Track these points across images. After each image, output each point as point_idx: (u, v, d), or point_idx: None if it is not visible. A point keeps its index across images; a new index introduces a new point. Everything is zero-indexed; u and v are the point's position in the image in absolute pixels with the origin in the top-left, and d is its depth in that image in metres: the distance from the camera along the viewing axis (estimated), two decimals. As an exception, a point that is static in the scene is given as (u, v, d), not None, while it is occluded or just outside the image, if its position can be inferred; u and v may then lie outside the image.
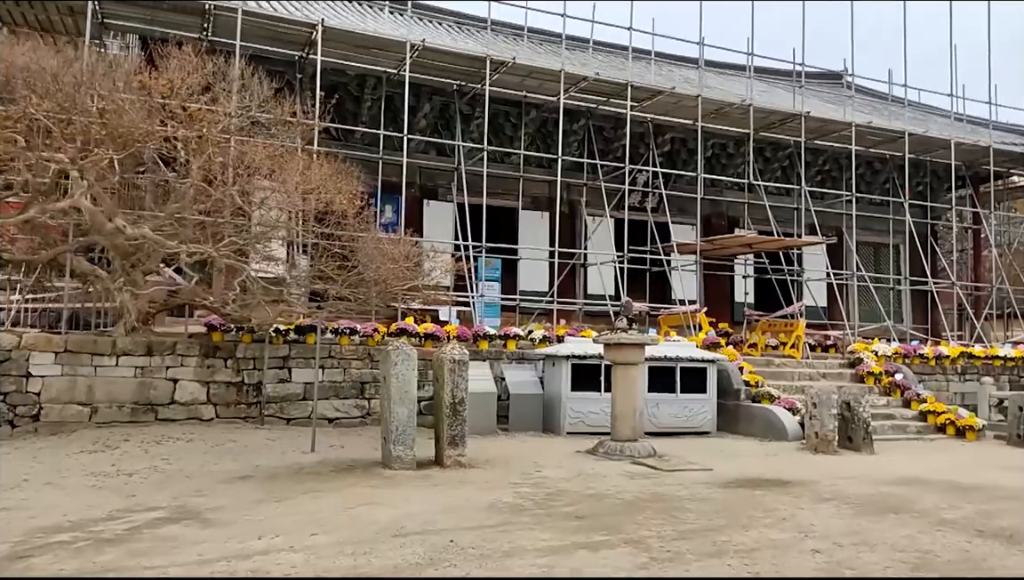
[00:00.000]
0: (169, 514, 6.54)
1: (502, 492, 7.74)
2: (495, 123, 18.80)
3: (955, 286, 20.66)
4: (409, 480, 8.32)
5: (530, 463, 9.67)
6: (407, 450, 8.94)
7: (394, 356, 9.06)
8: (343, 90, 17.25)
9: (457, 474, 8.77)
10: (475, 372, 12.20)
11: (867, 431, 11.84)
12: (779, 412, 13.12)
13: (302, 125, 12.05)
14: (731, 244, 17.74)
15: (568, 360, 12.63)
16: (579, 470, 9.27)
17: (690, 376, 13.57)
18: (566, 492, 7.91)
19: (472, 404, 11.84)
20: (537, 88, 16.72)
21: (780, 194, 20.89)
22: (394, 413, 8.99)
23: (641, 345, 10.70)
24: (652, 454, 10.46)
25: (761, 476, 9.35)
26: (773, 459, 10.99)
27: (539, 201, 19.77)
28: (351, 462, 9.32)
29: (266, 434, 11.12)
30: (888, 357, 16.69)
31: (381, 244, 11.04)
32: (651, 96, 17.02)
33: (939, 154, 21.01)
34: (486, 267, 17.97)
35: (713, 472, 9.53)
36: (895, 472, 10.00)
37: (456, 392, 9.24)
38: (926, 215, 21.85)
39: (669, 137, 19.82)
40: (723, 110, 17.83)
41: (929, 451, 12.70)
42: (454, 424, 9.21)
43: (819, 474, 9.62)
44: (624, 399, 10.71)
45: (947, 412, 14.42)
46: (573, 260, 18.09)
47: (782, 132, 19.30)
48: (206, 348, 11.75)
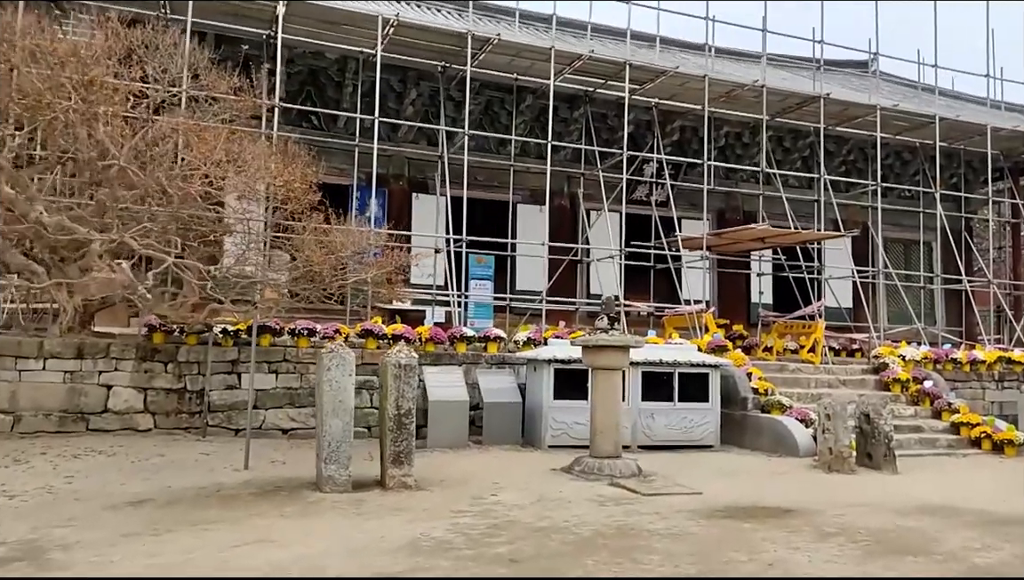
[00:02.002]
0: (6, 552, 5.35)
1: (436, 524, 6.46)
2: (490, 111, 17.58)
3: (992, 285, 18.90)
4: (335, 507, 7.07)
5: (490, 484, 8.38)
6: (341, 470, 7.70)
7: (327, 360, 7.83)
8: (323, 75, 16.14)
9: (397, 499, 7.51)
10: (445, 378, 11.01)
11: (888, 447, 10.35)
12: (790, 424, 11.67)
13: (258, 105, 10.85)
14: (743, 238, 16.28)
15: (550, 365, 11.31)
16: (542, 494, 7.95)
17: (690, 383, 12.17)
18: (514, 524, 6.61)
19: (441, 414, 10.71)
20: (528, 69, 15.42)
21: (800, 187, 19.34)
22: (327, 426, 7.76)
23: (624, 347, 9.35)
24: (636, 473, 9.10)
25: (758, 503, 7.97)
26: (778, 480, 9.57)
27: (538, 194, 18.42)
28: (283, 482, 8.10)
29: (204, 447, 9.95)
30: (917, 362, 15.11)
31: (323, 234, 9.77)
32: (653, 77, 15.63)
33: (974, 142, 19.32)
34: (477, 265, 16.72)
35: (702, 496, 8.16)
36: (919, 497, 8.55)
37: (401, 402, 7.97)
38: (960, 209, 20.15)
39: (678, 125, 18.40)
40: (734, 93, 16.38)
41: (961, 470, 11.17)
42: (399, 439, 7.94)
43: (828, 499, 8.20)
44: (605, 409, 9.37)
45: (982, 424, 12.85)
46: (569, 256, 16.71)
47: (801, 118, 17.77)
48: (144, 351, 10.62)
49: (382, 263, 10.10)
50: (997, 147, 19.58)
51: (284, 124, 16.06)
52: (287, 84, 15.76)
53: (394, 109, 16.70)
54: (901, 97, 19.75)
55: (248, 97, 10.46)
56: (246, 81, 10.94)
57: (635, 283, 18.43)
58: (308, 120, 16.52)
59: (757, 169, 18.03)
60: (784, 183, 19.71)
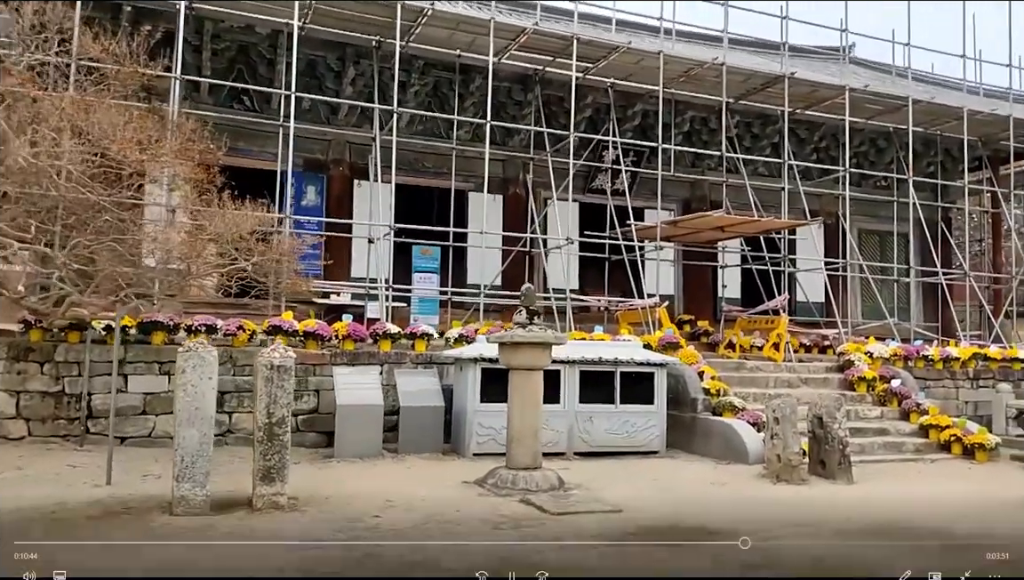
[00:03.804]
0: None
1: (283, 557, 5.42)
2: (439, 93, 16.45)
3: (968, 277, 17.94)
4: (177, 534, 6.02)
5: (380, 502, 7.32)
6: (196, 489, 6.64)
7: (182, 360, 6.76)
8: (253, 51, 14.98)
9: (259, 522, 6.46)
10: (359, 379, 9.98)
11: (843, 454, 9.34)
12: (740, 428, 10.67)
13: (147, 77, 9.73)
14: (701, 227, 15.26)
15: (477, 363, 10.27)
16: (433, 514, 6.92)
17: (634, 383, 11.15)
18: (374, 557, 5.57)
19: (350, 420, 9.68)
20: (471, 45, 14.32)
21: (771, 175, 18.27)
22: (180, 438, 6.70)
23: (544, 345, 8.31)
24: (555, 487, 8.09)
25: (682, 522, 6.97)
26: (717, 492, 8.57)
27: (491, 182, 17.38)
28: (138, 502, 7.03)
29: (78, 458, 8.88)
30: (885, 359, 14.15)
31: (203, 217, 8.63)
32: (605, 54, 14.58)
33: (951, 128, 18.33)
34: (422, 257, 15.65)
35: (621, 515, 7.15)
36: (870, 513, 7.57)
37: (274, 409, 6.91)
38: (937, 199, 19.17)
39: (639, 109, 17.30)
40: (693, 72, 15.33)
41: (926, 478, 10.21)
42: (269, 453, 6.88)
43: (765, 517, 7.21)
44: (522, 414, 8.33)
45: (952, 426, 11.88)
46: (518, 246, 15.67)
47: (767, 101, 16.74)
48: (17, 350, 9.52)
49: (266, 250, 8.96)
50: (975, 133, 18.63)
51: (213, 104, 15.06)
52: (213, 61, 14.68)
53: (332, 89, 15.59)
54: (876, 81, 18.74)
55: (133, 66, 9.27)
56: (140, 50, 9.76)
57: (595, 276, 17.43)
58: (240, 100, 15.39)
59: (727, 155, 17.04)
60: (754, 171, 18.72)
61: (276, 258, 9.13)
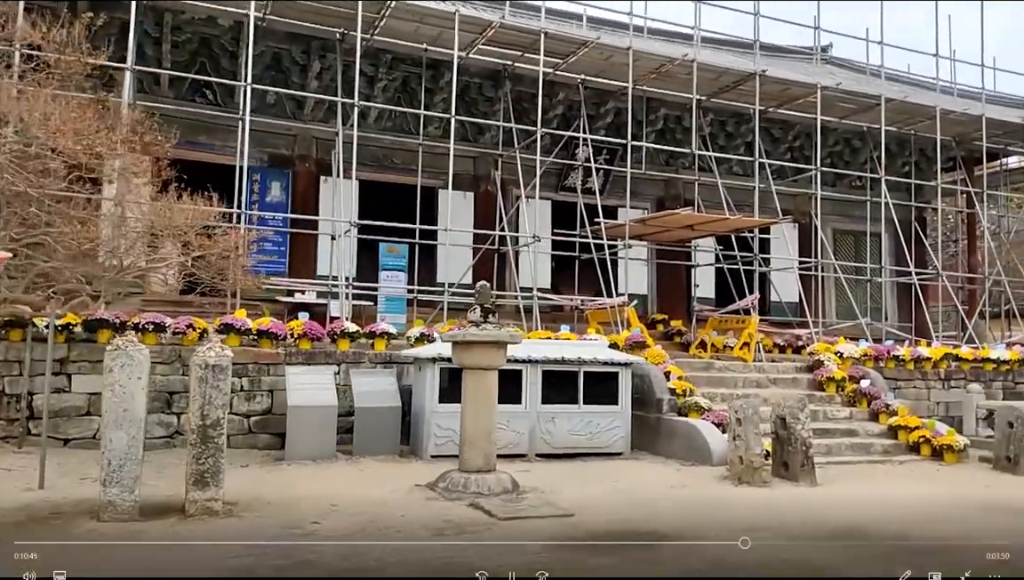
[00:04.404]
0: None
1: (202, 569, 5.13)
2: (408, 88, 16.17)
3: (941, 277, 17.85)
4: (98, 540, 5.71)
5: (324, 507, 7.04)
6: (125, 494, 6.33)
7: (109, 359, 6.46)
8: (216, 44, 14.63)
9: (186, 530, 6.16)
10: (312, 379, 9.69)
11: (807, 455, 9.15)
12: (704, 429, 10.46)
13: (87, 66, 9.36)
14: (670, 225, 15.06)
15: (435, 363, 10.00)
16: (377, 519, 6.65)
17: (598, 383, 10.93)
18: (306, 565, 5.29)
19: (302, 421, 9.39)
20: (437, 39, 14.05)
21: (746, 175, 18.06)
22: (108, 440, 6.39)
23: (498, 344, 8.05)
24: (508, 490, 7.84)
25: (635, 527, 6.73)
26: (676, 495, 8.35)
27: (462, 180, 17.12)
28: (71, 507, 6.72)
29: (13, 460, 8.54)
30: (856, 360, 14.01)
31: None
32: (574, 50, 14.35)
33: (925, 127, 18.25)
34: (389, 254, 15.34)
35: (573, 519, 6.91)
36: (830, 517, 7.37)
37: (208, 410, 6.62)
38: (911, 199, 19.07)
39: (612, 106, 17.09)
40: (664, 69, 15.13)
41: (892, 480, 10.03)
42: (203, 456, 6.59)
43: (721, 522, 6.99)
44: (475, 416, 8.07)
45: (921, 427, 11.73)
46: (486, 244, 15.41)
47: (740, 99, 16.57)
48: (-46, 348, 9.18)
49: (211, 245, 8.62)
50: (949, 132, 18.57)
51: (175, 97, 14.72)
52: (175, 54, 14.34)
53: (298, 83, 15.28)
54: (851, 81, 18.62)
55: (76, 55, 8.92)
56: (82, 38, 9.42)
57: (569, 276, 17.19)
58: (203, 94, 15.04)
59: (698, 153, 16.87)
60: (728, 170, 18.58)
61: (223, 254, 8.78)
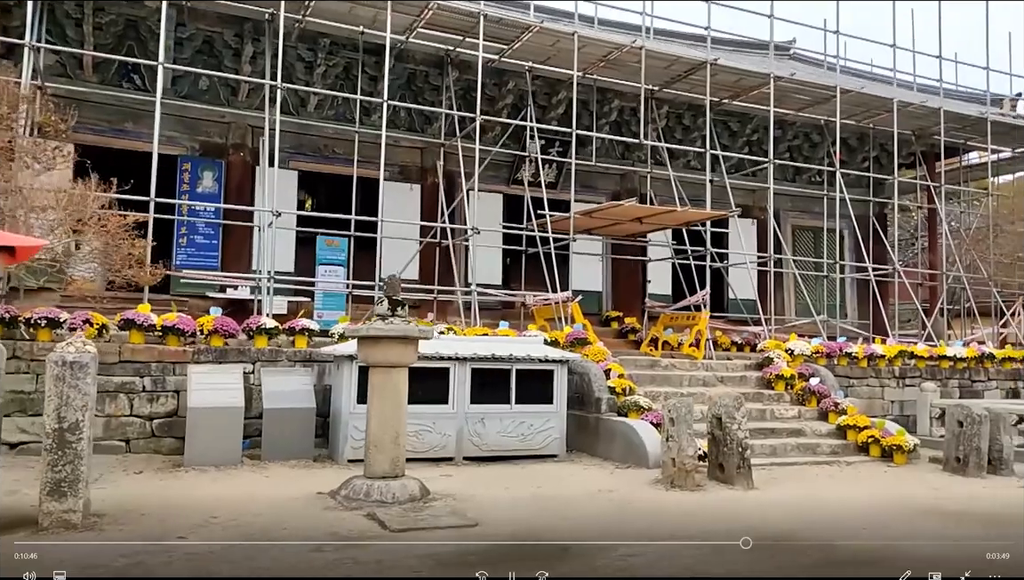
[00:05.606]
0: None
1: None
2: (351, 75, 15.45)
3: (897, 274, 17.49)
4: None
5: (202, 517, 6.39)
6: (-37, 505, 5.65)
7: (-51, 356, 5.76)
8: (143, 26, 13.88)
9: (25, 546, 5.47)
10: (217, 379, 9.01)
11: (743, 457, 8.62)
12: (641, 429, 9.92)
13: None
14: (620, 217, 14.50)
15: (353, 361, 9.35)
16: (255, 532, 6.00)
17: (532, 381, 10.35)
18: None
19: (203, 424, 8.70)
20: (373, 22, 13.39)
21: (702, 169, 17.53)
22: (-54, 446, 5.70)
23: (408, 339, 7.43)
24: (416, 498, 7.23)
25: (542, 537, 6.16)
26: (600, 500, 7.78)
27: (408, 171, 16.49)
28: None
29: None
30: (807, 357, 13.56)
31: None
32: (518, 34, 13.76)
33: (883, 120, 17.86)
34: (327, 247, 14.69)
35: (476, 529, 6.32)
36: (761, 522, 6.84)
37: (65, 413, 5.94)
38: (871, 194, 18.71)
39: (564, 97, 16.51)
40: (612, 56, 14.59)
41: (836, 481, 9.55)
42: (59, 463, 5.91)
43: (639, 530, 6.44)
44: (382, 418, 7.45)
45: (871, 427, 11.28)
46: (428, 237, 14.80)
47: (693, 90, 16.06)
48: None
49: (83, 231, 7.94)
50: (909, 126, 18.23)
51: (99, 82, 13.97)
52: (98, 36, 13.58)
53: (232, 68, 14.56)
54: (809, 74, 18.20)
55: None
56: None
57: (521, 271, 16.61)
58: (130, 79, 14.29)
59: (651, 145, 16.39)
60: (686, 164, 18.13)
61: (119, 240, 8.10)
